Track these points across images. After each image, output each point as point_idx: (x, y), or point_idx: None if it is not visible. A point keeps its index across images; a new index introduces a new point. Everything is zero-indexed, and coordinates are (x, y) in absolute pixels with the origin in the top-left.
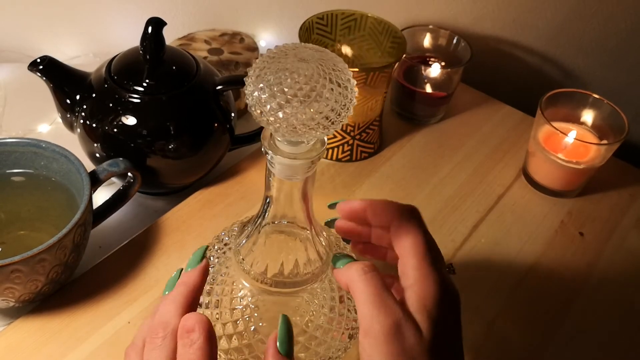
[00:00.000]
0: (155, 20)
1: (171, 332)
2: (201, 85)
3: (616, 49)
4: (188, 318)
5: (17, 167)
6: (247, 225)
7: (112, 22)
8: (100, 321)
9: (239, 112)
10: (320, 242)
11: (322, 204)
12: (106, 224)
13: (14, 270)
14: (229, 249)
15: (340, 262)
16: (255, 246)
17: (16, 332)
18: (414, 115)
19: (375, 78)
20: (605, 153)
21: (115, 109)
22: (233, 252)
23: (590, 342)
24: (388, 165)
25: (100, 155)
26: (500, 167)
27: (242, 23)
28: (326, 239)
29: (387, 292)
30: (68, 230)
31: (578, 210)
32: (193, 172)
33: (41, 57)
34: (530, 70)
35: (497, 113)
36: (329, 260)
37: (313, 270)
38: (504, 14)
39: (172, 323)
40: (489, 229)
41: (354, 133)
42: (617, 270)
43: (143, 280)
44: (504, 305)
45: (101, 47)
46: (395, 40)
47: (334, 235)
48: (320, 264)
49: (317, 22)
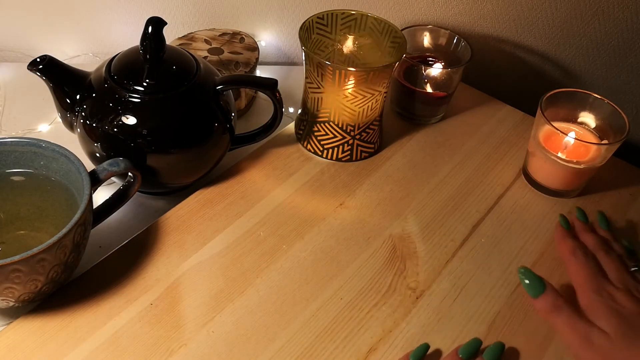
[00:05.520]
0: (156, 19)
1: None
2: (201, 85)
3: (616, 49)
4: None
5: (16, 166)
6: None
7: (112, 22)
8: (100, 321)
9: (239, 112)
10: None
11: (322, 204)
12: (106, 223)
13: (13, 270)
14: None
15: (534, 291)
16: None
17: (16, 332)
18: (414, 115)
19: (376, 78)
20: (606, 153)
21: (115, 109)
22: None
23: None
24: (388, 165)
25: (100, 155)
26: (500, 167)
27: (242, 23)
28: None
29: (575, 318)
30: (68, 230)
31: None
32: (193, 172)
33: (41, 56)
34: (530, 70)
35: (497, 113)
36: None
37: None
38: (504, 13)
39: None
40: (489, 229)
41: (354, 133)
42: None
43: (143, 280)
44: (504, 306)
45: (101, 46)
46: (395, 40)
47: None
48: None
49: (317, 22)
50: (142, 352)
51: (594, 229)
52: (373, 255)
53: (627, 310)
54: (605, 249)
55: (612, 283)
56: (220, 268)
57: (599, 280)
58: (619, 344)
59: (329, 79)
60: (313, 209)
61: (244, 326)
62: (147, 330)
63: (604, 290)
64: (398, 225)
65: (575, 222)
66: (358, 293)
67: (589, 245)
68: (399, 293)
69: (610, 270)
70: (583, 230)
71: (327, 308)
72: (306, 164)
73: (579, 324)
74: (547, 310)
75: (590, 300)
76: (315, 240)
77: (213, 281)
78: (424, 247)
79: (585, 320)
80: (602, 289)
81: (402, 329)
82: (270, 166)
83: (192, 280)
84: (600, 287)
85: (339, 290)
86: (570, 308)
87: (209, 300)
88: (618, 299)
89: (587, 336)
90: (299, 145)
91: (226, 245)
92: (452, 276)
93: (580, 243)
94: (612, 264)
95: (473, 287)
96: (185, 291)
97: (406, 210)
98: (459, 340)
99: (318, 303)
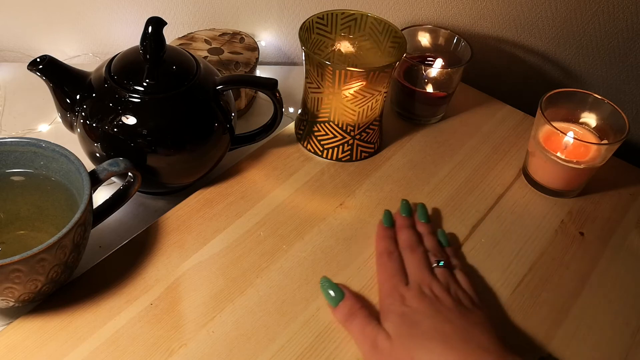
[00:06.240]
0: (156, 19)
1: None
2: (201, 85)
3: (616, 49)
4: None
5: (16, 166)
6: None
7: (112, 21)
8: (100, 321)
9: (239, 112)
10: None
11: (322, 204)
12: (106, 224)
13: (13, 270)
14: None
15: (333, 301)
16: None
17: (16, 332)
18: (414, 115)
19: (376, 78)
20: (606, 153)
21: (115, 109)
22: None
23: (591, 342)
24: (388, 165)
25: (100, 155)
26: (500, 167)
27: (242, 23)
28: None
29: (366, 323)
30: (68, 230)
31: (578, 210)
32: (193, 172)
33: (41, 56)
34: (530, 70)
35: (497, 113)
36: None
37: None
38: (504, 13)
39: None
40: (489, 229)
41: (354, 133)
42: (617, 270)
43: (143, 280)
44: (504, 306)
45: (101, 46)
46: (395, 40)
47: None
48: None
49: (317, 22)
50: (142, 352)
51: (414, 224)
52: (373, 255)
53: (411, 310)
54: (413, 247)
55: (409, 283)
56: (220, 268)
57: (395, 282)
58: (397, 345)
59: (329, 79)
60: (313, 209)
61: (244, 326)
62: (147, 330)
63: (396, 292)
64: None
65: (397, 217)
66: (358, 293)
67: (400, 244)
68: None
69: (410, 270)
70: (401, 227)
71: (327, 308)
72: (306, 164)
73: (367, 329)
74: (344, 318)
75: (384, 304)
76: (315, 240)
77: (213, 281)
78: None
79: (374, 325)
80: (395, 291)
81: None
82: (270, 166)
83: (192, 280)
84: (394, 290)
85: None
86: (364, 314)
87: (209, 300)
88: (407, 300)
89: (374, 341)
90: (299, 145)
91: (226, 245)
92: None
93: (390, 244)
94: (414, 262)
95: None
96: (185, 291)
97: None
98: None
99: (318, 303)
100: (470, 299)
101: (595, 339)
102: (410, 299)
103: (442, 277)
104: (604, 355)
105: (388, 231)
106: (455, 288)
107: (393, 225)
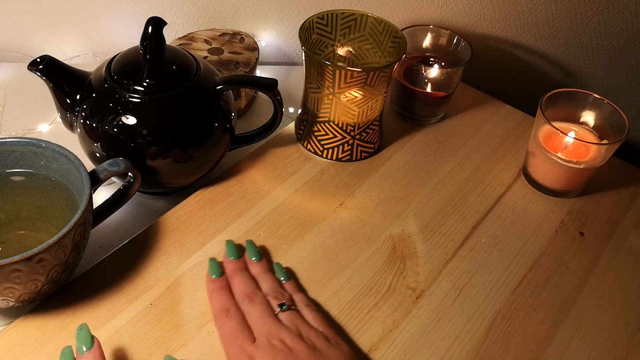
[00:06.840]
0: (156, 19)
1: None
2: (201, 85)
3: (616, 49)
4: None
5: (16, 166)
6: None
7: (112, 22)
8: (100, 321)
9: (239, 112)
10: None
11: (322, 204)
12: (106, 224)
13: (13, 270)
14: None
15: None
16: None
17: (16, 332)
18: (414, 115)
19: (376, 78)
20: (606, 153)
21: (115, 109)
22: None
23: (591, 342)
24: (388, 165)
25: (100, 155)
26: (500, 167)
27: (242, 23)
28: None
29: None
30: (68, 230)
31: (578, 210)
32: (193, 172)
33: (41, 56)
34: (530, 70)
35: (497, 113)
36: None
37: None
38: (504, 13)
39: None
40: (489, 229)
41: (354, 133)
42: (617, 270)
43: (143, 279)
44: (504, 305)
45: (101, 46)
46: (395, 40)
47: None
48: None
49: (317, 22)
50: (142, 352)
51: (246, 265)
52: (373, 255)
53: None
54: (250, 295)
55: (256, 339)
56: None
57: (239, 343)
58: None
59: (329, 79)
60: (313, 209)
61: None
62: (147, 330)
63: (244, 355)
64: (398, 225)
65: (226, 263)
66: (358, 293)
67: (236, 296)
68: (399, 293)
69: (254, 324)
70: (232, 274)
71: (327, 308)
72: (306, 164)
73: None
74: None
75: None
76: (315, 240)
77: None
78: (424, 247)
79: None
80: (243, 354)
81: (402, 329)
82: (270, 166)
83: (192, 280)
84: (242, 352)
85: (339, 290)
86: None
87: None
88: (256, 358)
89: None
90: (299, 145)
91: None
92: (452, 276)
93: (224, 299)
94: (256, 313)
95: (473, 287)
96: (185, 291)
97: (406, 210)
98: (459, 340)
99: (318, 303)
100: (325, 337)
101: (595, 339)
102: (257, 356)
103: (289, 322)
104: (603, 355)
105: (218, 282)
106: (307, 330)
107: (222, 274)
